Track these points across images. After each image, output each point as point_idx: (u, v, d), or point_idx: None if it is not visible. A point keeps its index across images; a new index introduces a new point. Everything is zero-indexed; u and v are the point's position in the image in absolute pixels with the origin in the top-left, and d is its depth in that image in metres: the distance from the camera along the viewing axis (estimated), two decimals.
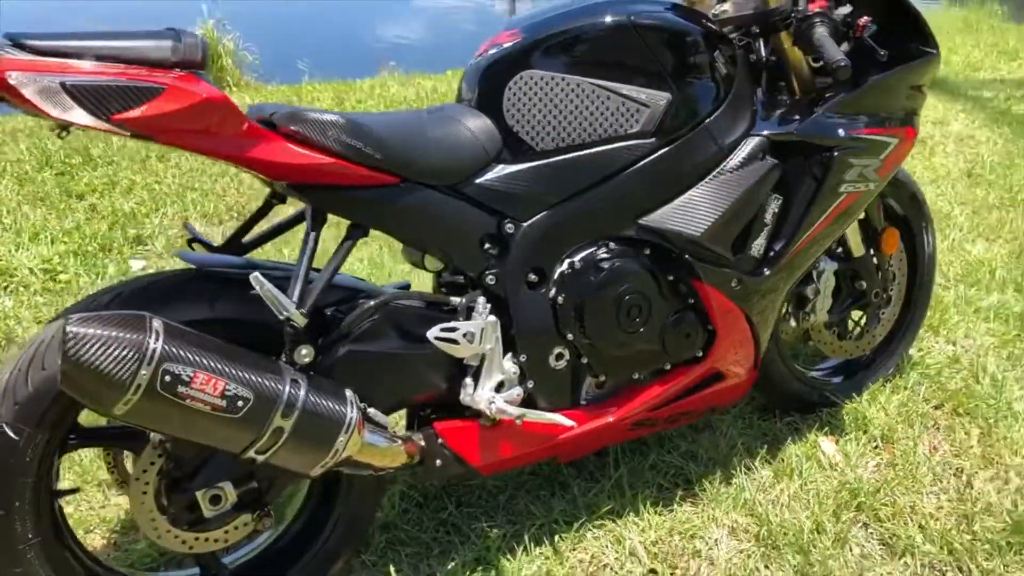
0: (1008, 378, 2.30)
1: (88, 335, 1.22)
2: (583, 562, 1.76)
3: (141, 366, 1.23)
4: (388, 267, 2.91)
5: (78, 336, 1.21)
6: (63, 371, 1.23)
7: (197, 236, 1.68)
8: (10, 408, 1.37)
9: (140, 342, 1.24)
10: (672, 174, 1.68)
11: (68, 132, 1.33)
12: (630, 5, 1.68)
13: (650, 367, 1.78)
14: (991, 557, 1.74)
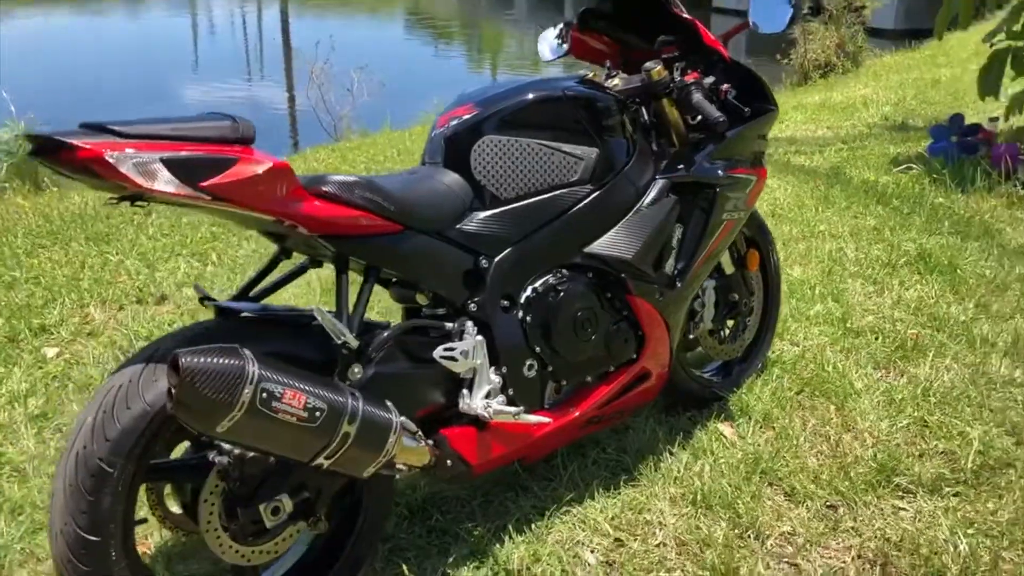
0: (846, 365, 2.86)
1: (199, 364, 1.46)
2: (560, 541, 2.09)
3: (244, 386, 1.49)
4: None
5: (191, 366, 1.46)
6: (177, 399, 1.46)
7: (206, 295, 1.91)
8: (103, 445, 1.56)
9: (241, 367, 1.50)
10: (605, 212, 2.11)
11: (144, 202, 1.57)
12: (558, 82, 2.11)
13: (599, 370, 2.17)
14: (867, 491, 2.24)
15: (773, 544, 2.08)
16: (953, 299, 3.37)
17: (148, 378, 1.60)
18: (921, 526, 2.11)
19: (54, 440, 2.51)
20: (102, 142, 1.47)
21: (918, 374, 2.81)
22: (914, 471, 2.31)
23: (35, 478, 2.33)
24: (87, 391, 2.75)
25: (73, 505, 1.55)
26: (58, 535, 1.57)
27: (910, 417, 2.57)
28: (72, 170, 1.49)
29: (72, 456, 1.57)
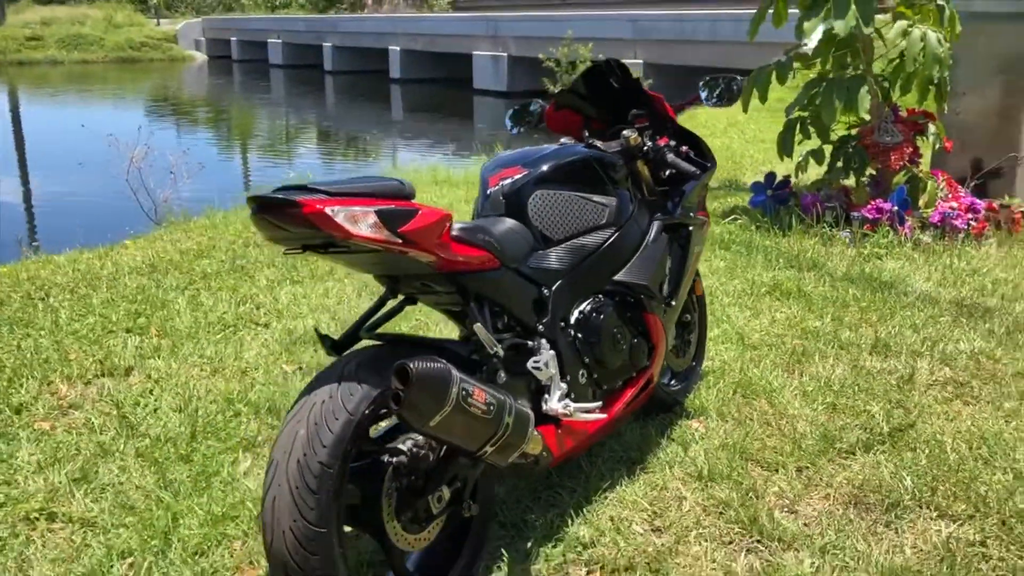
0: (759, 371, 3.53)
1: (423, 369, 1.84)
2: (612, 518, 2.55)
3: (452, 386, 1.88)
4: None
5: (419, 372, 1.83)
6: (408, 400, 1.82)
7: (323, 335, 2.25)
8: (321, 451, 1.88)
9: (449, 371, 1.89)
10: (624, 247, 2.64)
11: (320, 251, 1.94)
12: (575, 147, 2.64)
13: (625, 376, 2.67)
14: (821, 456, 2.87)
15: (771, 500, 2.64)
16: (812, 316, 4.17)
17: (346, 393, 1.93)
18: (871, 473, 2.76)
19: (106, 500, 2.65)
20: (317, 199, 1.84)
21: (814, 372, 3.53)
22: (847, 439, 2.98)
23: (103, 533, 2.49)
24: (113, 455, 2.90)
25: (301, 503, 1.84)
26: (286, 531, 1.85)
27: (823, 403, 3.26)
28: (292, 223, 1.84)
29: (294, 463, 1.87)
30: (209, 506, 2.59)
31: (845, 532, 2.46)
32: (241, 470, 2.83)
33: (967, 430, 3.02)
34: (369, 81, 32.07)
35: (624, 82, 2.91)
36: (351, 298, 4.44)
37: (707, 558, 2.38)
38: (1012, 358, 3.63)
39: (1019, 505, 2.55)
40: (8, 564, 2.36)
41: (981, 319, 4.11)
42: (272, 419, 3.17)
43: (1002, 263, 4.99)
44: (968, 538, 2.42)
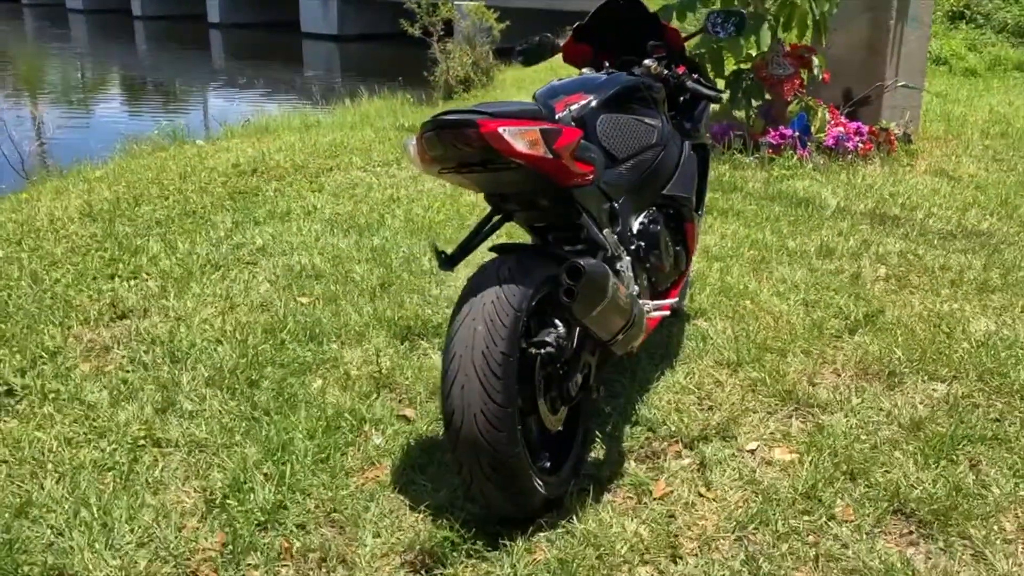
0: (733, 277, 3.99)
1: (593, 267, 2.14)
2: (667, 401, 2.94)
3: (609, 281, 2.19)
4: None
5: (590, 269, 2.12)
6: (581, 293, 2.11)
7: (439, 251, 2.50)
8: (500, 342, 2.13)
9: (607, 269, 2.19)
10: (670, 164, 2.98)
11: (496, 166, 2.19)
12: (623, 76, 2.95)
13: (672, 278, 3.04)
14: (818, 339, 3.36)
15: (793, 377, 3.09)
16: (755, 230, 4.68)
17: (510, 293, 2.19)
18: (864, 351, 3.26)
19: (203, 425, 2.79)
20: (491, 120, 2.09)
21: (779, 276, 4.03)
22: (831, 326, 3.48)
23: (221, 452, 2.65)
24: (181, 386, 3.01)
25: (490, 387, 2.11)
26: (477, 414, 2.11)
27: (797, 300, 3.75)
28: (466, 142, 2.09)
29: (479, 355, 2.12)
30: (309, 422, 2.78)
31: (864, 397, 2.94)
32: (315, 388, 3.02)
33: (922, 313, 3.59)
34: (185, 27, 30.59)
35: (641, 16, 3.22)
36: (325, 235, 4.57)
37: (763, 425, 2.80)
38: (933, 255, 4.26)
39: (987, 364, 3.11)
40: (140, 488, 2.48)
41: (893, 225, 4.74)
42: (313, 345, 3.34)
43: (889, 179, 5.69)
44: (958, 392, 2.96)
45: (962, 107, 8.28)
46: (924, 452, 2.61)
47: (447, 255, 2.53)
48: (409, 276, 4.01)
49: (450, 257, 2.52)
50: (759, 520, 2.33)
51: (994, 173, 5.92)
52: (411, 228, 4.67)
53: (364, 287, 3.87)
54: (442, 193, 5.44)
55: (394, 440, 2.73)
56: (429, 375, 3.11)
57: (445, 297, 3.79)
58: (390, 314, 3.58)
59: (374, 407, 2.90)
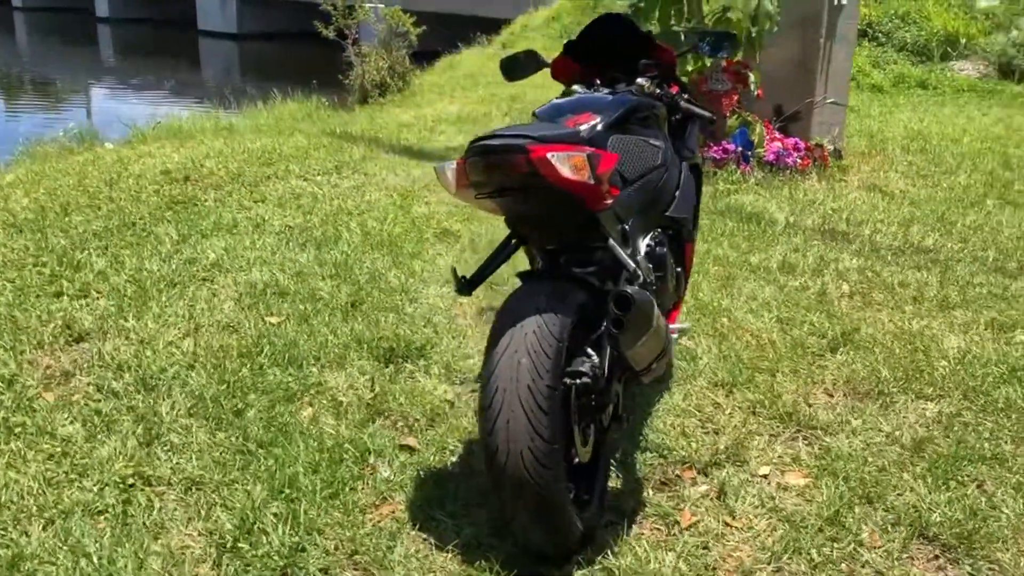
0: (704, 293, 4.00)
1: (641, 297, 2.09)
2: (672, 425, 2.91)
3: (655, 309, 2.14)
4: None
5: (639, 300, 2.08)
6: (629, 323, 2.06)
7: (457, 275, 2.42)
8: (545, 375, 2.06)
9: (651, 298, 2.14)
10: (672, 185, 2.95)
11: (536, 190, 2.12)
12: (628, 96, 2.90)
13: (674, 299, 3.01)
14: (800, 359, 3.39)
15: (789, 398, 3.11)
16: (714, 245, 4.72)
17: (551, 323, 2.12)
18: (849, 370, 3.31)
19: (194, 459, 2.62)
20: (539, 145, 2.03)
21: (748, 292, 4.06)
22: (811, 344, 3.52)
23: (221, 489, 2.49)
24: (162, 417, 2.82)
25: (537, 423, 2.03)
26: (523, 451, 2.03)
27: (771, 317, 3.79)
28: (511, 168, 2.02)
29: (524, 389, 2.04)
30: (308, 455, 2.64)
31: (863, 417, 2.97)
32: (306, 416, 2.87)
33: (895, 332, 3.67)
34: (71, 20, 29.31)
35: (631, 33, 3.18)
36: (281, 249, 4.39)
37: (770, 448, 2.81)
38: (890, 272, 4.37)
39: (968, 383, 3.19)
40: (139, 532, 2.31)
41: (844, 241, 4.85)
42: (294, 369, 3.19)
43: (829, 195, 5.84)
44: (949, 411, 3.03)
45: (877, 123, 8.59)
46: (932, 473, 2.65)
47: (466, 279, 2.44)
48: (379, 294, 3.88)
49: (469, 281, 2.44)
50: (792, 549, 2.32)
51: (923, 189, 6.13)
52: (370, 242, 4.53)
53: (334, 305, 3.72)
54: (391, 204, 5.32)
55: (403, 472, 2.61)
56: (423, 400, 3.00)
57: (421, 316, 3.68)
58: (368, 335, 3.45)
59: (374, 437, 2.77)
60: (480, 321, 3.65)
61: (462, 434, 2.82)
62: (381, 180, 5.89)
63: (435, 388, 3.11)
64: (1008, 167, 6.80)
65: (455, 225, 4.89)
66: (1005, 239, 4.97)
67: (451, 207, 5.22)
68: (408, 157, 6.60)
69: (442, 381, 3.18)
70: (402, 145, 7.06)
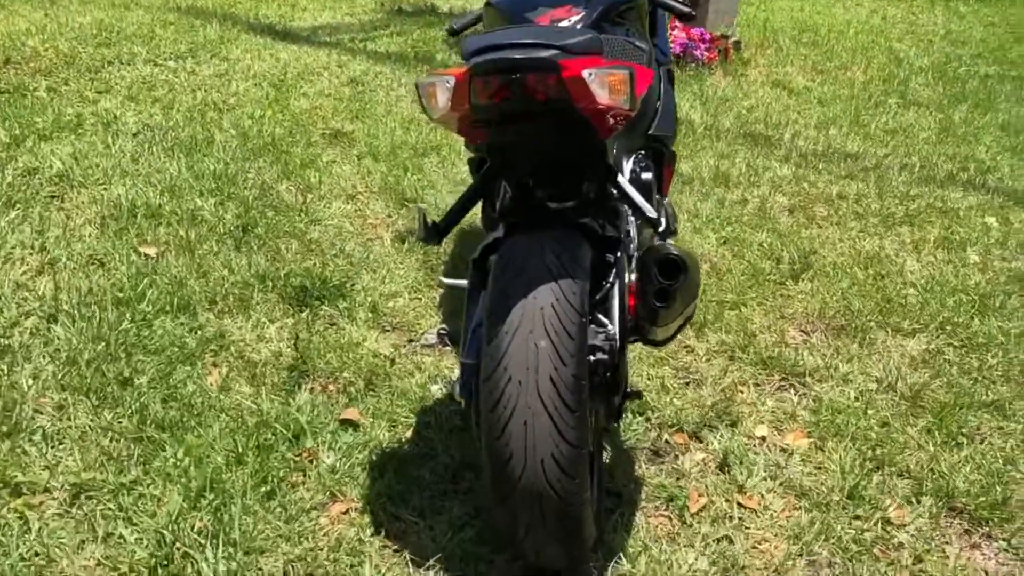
0: None
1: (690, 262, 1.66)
2: (648, 377, 2.54)
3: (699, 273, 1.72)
4: None
5: (690, 264, 1.64)
6: (681, 288, 1.64)
7: (426, 220, 1.92)
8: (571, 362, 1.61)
9: (697, 260, 1.71)
10: (655, 97, 2.48)
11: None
12: None
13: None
14: (762, 288, 3.07)
15: (765, 338, 2.79)
16: None
17: (569, 292, 1.65)
18: (817, 302, 3.02)
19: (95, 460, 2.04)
20: (572, 61, 1.53)
21: (688, 207, 3.69)
22: (767, 269, 3.20)
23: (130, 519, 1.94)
24: None
25: (562, 424, 1.58)
26: (547, 460, 1.59)
27: (717, 238, 3.45)
28: (538, 90, 1.52)
29: (546, 380, 1.58)
30: (227, 439, 2.11)
31: (850, 361, 2.69)
32: (213, 383, 2.32)
33: (851, 254, 3.41)
34: None
35: None
36: (144, 155, 3.65)
37: (760, 402, 2.48)
38: (824, 182, 4.11)
39: (942, 313, 2.97)
40: (11, 567, 1.74)
41: (768, 146, 4.55)
42: (186, 318, 2.60)
43: (738, 92, 5.51)
44: (931, 348, 2.79)
45: (761, 12, 8.30)
46: (938, 428, 2.40)
47: (435, 225, 1.92)
48: (274, 214, 3.27)
49: (438, 228, 1.92)
50: (822, 536, 2.01)
51: (824, 85, 5.91)
52: (250, 146, 3.85)
53: (222, 231, 3.10)
54: (264, 97, 4.59)
55: (350, 457, 2.13)
56: (355, 356, 2.49)
57: (329, 242, 3.12)
58: (271, 269, 2.88)
59: (305, 410, 2.25)
60: (401, 249, 3.12)
61: (411, 401, 2.34)
62: (246, 67, 5.10)
63: (364, 338, 2.60)
64: (897, 62, 6.67)
65: (346, 124, 4.25)
66: (922, 144, 4.80)
67: (336, 100, 4.56)
68: (272, 38, 5.77)
69: (371, 328, 2.67)
70: (263, 23, 6.19)
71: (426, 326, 2.71)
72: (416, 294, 2.89)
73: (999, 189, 4.19)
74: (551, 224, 1.83)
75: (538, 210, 1.88)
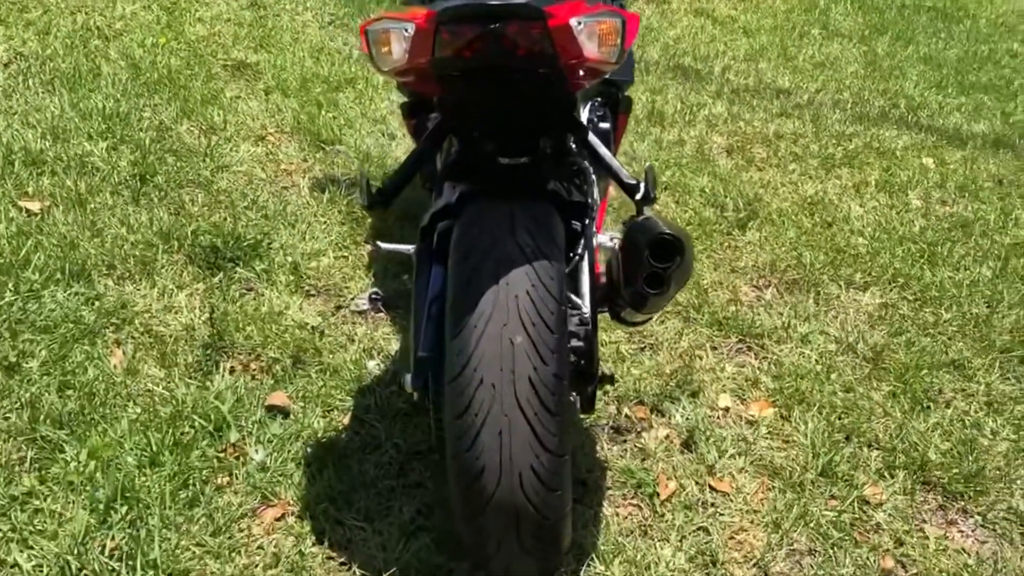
0: None
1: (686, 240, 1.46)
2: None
3: None
4: None
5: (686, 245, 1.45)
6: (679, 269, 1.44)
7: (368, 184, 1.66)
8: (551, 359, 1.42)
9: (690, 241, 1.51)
10: None
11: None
12: None
13: None
14: (709, 238, 2.91)
15: (717, 295, 2.64)
16: None
17: (545, 276, 1.45)
18: (768, 254, 2.87)
19: None
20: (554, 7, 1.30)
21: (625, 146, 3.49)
22: (711, 218, 3.04)
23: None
24: None
25: (543, 432, 1.39)
26: (525, 472, 1.39)
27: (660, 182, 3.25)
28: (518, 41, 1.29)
29: (524, 383, 1.38)
30: (137, 436, 1.84)
31: (807, 320, 2.56)
32: (117, 366, 2.03)
33: (794, 200, 3.26)
34: None
35: None
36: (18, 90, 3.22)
37: (719, 368, 2.34)
38: (759, 121, 3.95)
39: (892, 264, 2.86)
40: None
41: (698, 81, 4.36)
42: (81, 286, 2.28)
43: (663, 21, 5.28)
44: (886, 302, 2.69)
45: None
46: (902, 392, 2.30)
47: (379, 191, 1.66)
48: (175, 160, 2.92)
49: (383, 194, 1.66)
50: (800, 521, 1.88)
51: (747, 14, 5.71)
52: (143, 80, 3.44)
53: (116, 181, 2.75)
54: (154, 22, 4.12)
55: (281, 451, 1.88)
56: (278, 328, 2.23)
57: (240, 193, 2.80)
58: (176, 226, 2.56)
59: (225, 395, 1.99)
60: (321, 199, 2.83)
61: (346, 381, 2.10)
62: None
63: (287, 306, 2.33)
64: None
65: (249, 55, 3.86)
66: (851, 78, 4.69)
67: (236, 26, 4.15)
68: None
69: (294, 293, 2.40)
70: None
71: (356, 289, 2.45)
72: (341, 251, 2.62)
73: (931, 127, 4.11)
74: (514, 190, 1.60)
75: (491, 168, 1.64)
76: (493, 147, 1.63)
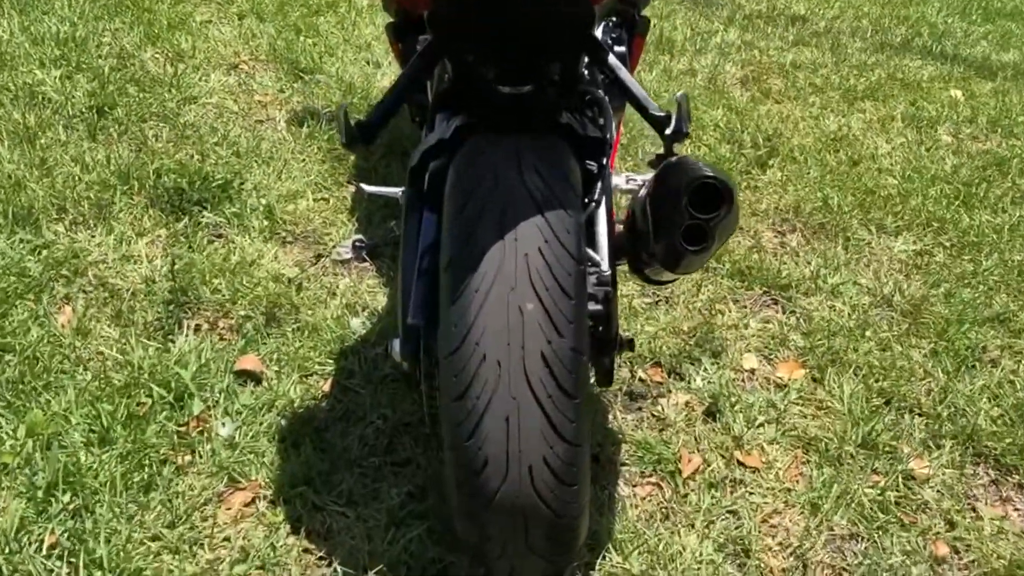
0: None
1: (732, 187, 1.20)
2: None
3: None
4: None
5: (734, 195, 1.20)
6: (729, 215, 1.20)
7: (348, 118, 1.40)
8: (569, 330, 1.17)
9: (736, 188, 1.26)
10: None
11: None
12: None
13: None
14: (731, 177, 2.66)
15: (735, 239, 2.39)
16: None
17: (560, 229, 1.20)
18: (792, 196, 2.63)
19: None
20: None
21: None
22: (729, 155, 2.78)
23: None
24: None
25: (557, 417, 1.15)
26: (537, 464, 1.16)
27: None
28: None
29: (536, 359, 1.14)
30: (85, 407, 1.60)
31: (837, 270, 2.32)
32: (65, 324, 1.79)
33: (817, 135, 3.01)
34: None
35: None
36: None
37: (743, 325, 2.11)
38: (776, 49, 3.67)
39: (926, 207, 2.62)
40: None
41: (709, 7, 4.06)
42: (29, 232, 2.03)
43: None
44: (920, 249, 2.46)
45: None
46: (944, 351, 2.07)
47: (359, 125, 1.39)
48: (137, 90, 2.63)
49: (363, 128, 1.39)
50: (840, 502, 1.66)
51: None
52: (104, 2, 3.14)
53: (71, 113, 2.47)
54: None
55: (251, 423, 1.65)
56: (250, 280, 1.98)
57: (209, 127, 2.53)
58: (136, 164, 2.29)
59: (188, 359, 1.75)
60: (299, 135, 2.56)
61: (326, 342, 1.86)
62: None
63: (261, 255, 2.08)
64: None
65: None
66: (869, 4, 4.39)
67: None
68: None
69: (268, 241, 2.15)
70: None
71: (338, 236, 2.20)
72: (321, 193, 2.36)
73: (957, 57, 3.84)
74: (520, 122, 1.34)
75: (492, 96, 1.37)
76: (494, 72, 1.36)
